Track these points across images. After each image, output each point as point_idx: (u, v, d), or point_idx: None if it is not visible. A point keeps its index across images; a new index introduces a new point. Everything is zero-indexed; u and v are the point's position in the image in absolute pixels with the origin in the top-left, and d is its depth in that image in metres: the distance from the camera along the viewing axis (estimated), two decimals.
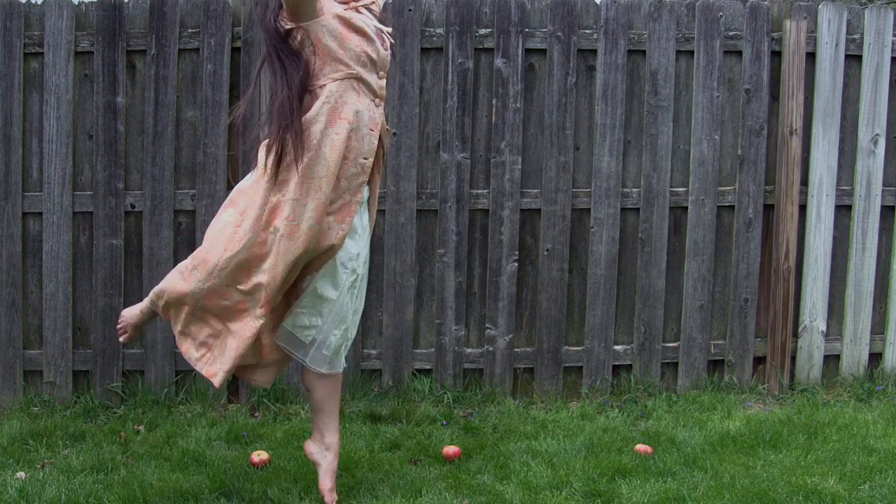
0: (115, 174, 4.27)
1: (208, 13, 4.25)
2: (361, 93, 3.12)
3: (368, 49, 3.11)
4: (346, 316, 3.22)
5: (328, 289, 3.16)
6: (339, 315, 3.20)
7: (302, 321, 3.16)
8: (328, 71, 3.06)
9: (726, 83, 4.58)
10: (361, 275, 3.28)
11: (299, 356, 3.19)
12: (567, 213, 4.50)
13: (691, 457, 3.72)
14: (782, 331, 4.64)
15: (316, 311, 3.17)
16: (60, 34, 4.20)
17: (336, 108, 3.06)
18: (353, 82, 3.09)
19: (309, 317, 3.17)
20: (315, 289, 3.16)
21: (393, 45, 3.28)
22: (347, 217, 3.13)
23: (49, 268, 4.25)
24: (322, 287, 3.16)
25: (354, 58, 3.08)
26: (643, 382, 4.58)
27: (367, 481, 3.47)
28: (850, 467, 3.61)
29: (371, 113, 3.15)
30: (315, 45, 3.04)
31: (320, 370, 3.20)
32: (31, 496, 3.24)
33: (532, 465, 3.63)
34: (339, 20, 3.06)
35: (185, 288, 3.13)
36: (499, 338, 4.51)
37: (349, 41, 3.07)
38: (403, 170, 4.40)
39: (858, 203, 4.70)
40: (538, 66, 4.47)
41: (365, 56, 3.10)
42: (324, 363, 3.20)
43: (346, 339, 3.26)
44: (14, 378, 4.29)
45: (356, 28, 3.09)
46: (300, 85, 3.05)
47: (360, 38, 3.09)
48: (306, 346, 3.17)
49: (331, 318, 3.18)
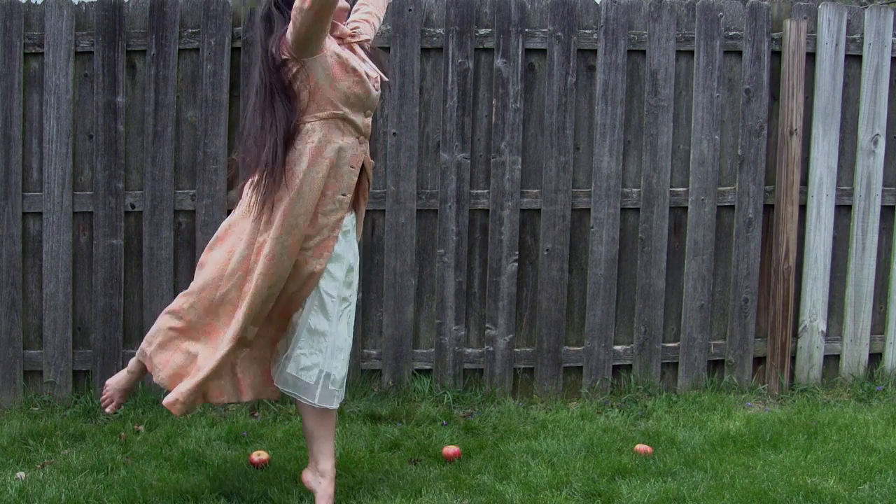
0: (115, 174, 4.27)
1: (208, 13, 4.25)
2: (346, 132, 3.14)
3: (358, 90, 3.13)
4: (343, 346, 3.22)
5: (321, 321, 3.17)
6: (337, 345, 3.20)
7: (303, 363, 3.17)
8: (314, 109, 3.09)
9: (726, 83, 4.58)
10: (354, 303, 3.29)
11: (307, 400, 3.18)
12: (567, 213, 4.50)
13: (691, 457, 3.72)
14: (782, 331, 4.64)
15: (315, 349, 3.18)
16: (60, 34, 4.20)
17: (319, 147, 3.09)
18: (337, 122, 3.12)
19: (309, 356, 3.17)
20: (308, 325, 3.17)
21: (385, 84, 3.30)
22: (325, 252, 3.16)
23: (49, 268, 4.26)
24: (314, 321, 3.17)
25: (343, 98, 3.10)
26: (643, 382, 4.58)
27: (367, 481, 3.47)
28: (850, 467, 3.61)
29: (354, 151, 3.18)
30: (308, 80, 3.06)
31: (332, 406, 3.20)
32: (31, 496, 3.24)
33: (532, 465, 3.63)
34: (335, 58, 3.08)
35: (182, 324, 3.18)
36: (499, 338, 4.51)
37: (341, 81, 3.09)
38: (403, 170, 4.40)
39: (858, 203, 4.70)
40: (538, 66, 4.47)
41: (354, 97, 3.12)
42: (333, 399, 3.20)
43: (346, 368, 3.25)
44: (14, 378, 4.29)
45: (350, 68, 3.10)
46: (286, 131, 3.06)
47: (352, 78, 3.11)
48: (312, 385, 3.17)
49: (329, 350, 3.18)
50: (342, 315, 3.22)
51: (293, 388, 3.18)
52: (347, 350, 3.25)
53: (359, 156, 3.20)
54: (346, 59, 3.10)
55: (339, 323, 3.21)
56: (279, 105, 3.06)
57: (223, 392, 3.21)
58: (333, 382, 3.19)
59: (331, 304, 3.18)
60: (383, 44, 4.34)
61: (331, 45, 3.09)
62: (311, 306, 3.18)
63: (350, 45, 3.21)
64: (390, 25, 4.34)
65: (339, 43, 3.16)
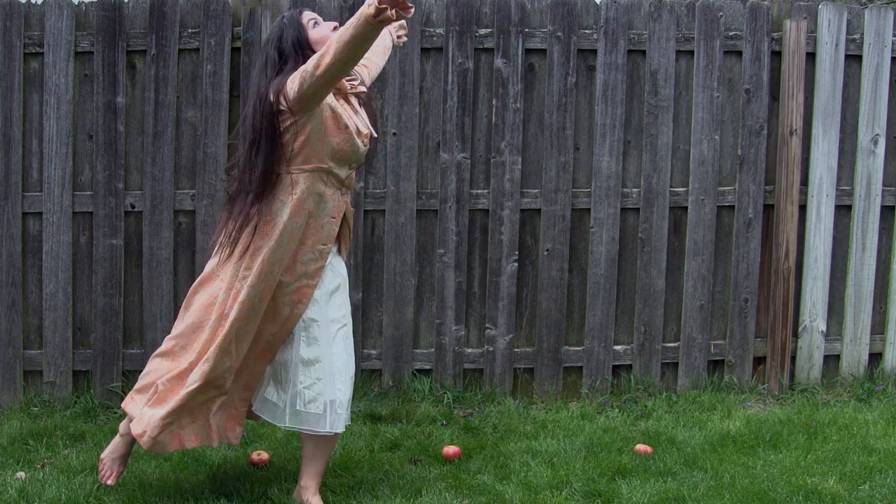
0: (115, 174, 4.26)
1: (208, 13, 4.25)
2: (329, 184, 3.16)
3: (347, 146, 3.14)
4: (342, 368, 3.21)
5: (311, 350, 3.19)
6: (335, 369, 3.20)
7: (308, 396, 3.18)
8: (301, 161, 3.10)
9: (726, 83, 4.58)
10: (348, 323, 3.29)
11: (321, 430, 3.18)
12: (567, 213, 4.50)
13: (691, 457, 3.72)
14: (782, 331, 4.64)
15: (314, 378, 3.18)
16: (60, 34, 4.19)
17: (301, 198, 3.11)
18: (322, 174, 3.13)
19: (311, 388, 3.18)
20: (301, 358, 3.19)
21: (374, 139, 3.31)
22: (304, 299, 3.17)
23: (49, 268, 4.25)
24: (305, 353, 3.19)
25: (330, 153, 3.12)
26: (643, 382, 4.58)
27: (367, 481, 3.47)
28: (850, 467, 3.61)
29: (336, 202, 3.20)
30: (299, 133, 3.07)
31: (339, 430, 3.20)
32: (31, 496, 3.24)
33: (532, 465, 3.63)
34: (330, 113, 3.09)
35: (182, 367, 3.19)
36: (499, 338, 4.51)
37: (332, 137, 3.11)
38: (403, 170, 4.40)
39: (858, 203, 4.70)
40: (538, 66, 4.47)
41: (342, 153, 3.14)
42: (341, 423, 3.20)
43: (350, 389, 3.24)
44: (14, 378, 4.29)
45: (343, 125, 3.12)
46: (263, 187, 3.08)
47: (343, 135, 3.13)
48: (321, 416, 3.17)
49: (328, 375, 3.18)
50: (335, 337, 3.22)
51: (304, 423, 3.18)
52: (348, 371, 3.24)
53: (340, 206, 3.22)
54: (339, 114, 3.12)
55: (333, 345, 3.21)
56: (262, 156, 3.06)
57: (198, 436, 3.21)
58: (340, 406, 3.19)
59: (318, 329, 3.19)
60: None
61: (328, 98, 3.09)
62: (298, 339, 3.19)
63: (347, 97, 3.21)
64: None
65: (336, 94, 3.16)
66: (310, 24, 3.17)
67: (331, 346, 3.20)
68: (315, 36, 3.16)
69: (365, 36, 2.84)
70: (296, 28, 3.15)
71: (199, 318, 3.20)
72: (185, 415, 3.14)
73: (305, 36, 3.15)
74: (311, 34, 3.16)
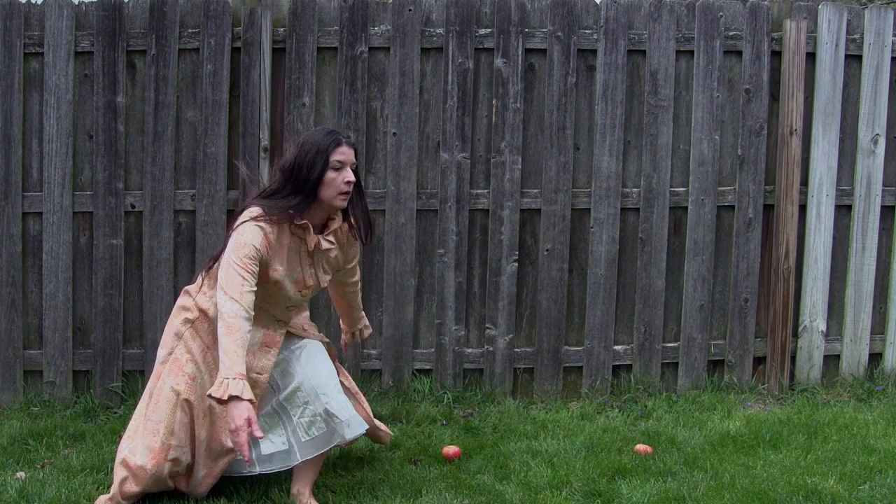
0: (115, 174, 4.27)
1: (208, 13, 4.25)
2: (260, 314, 3.17)
3: (276, 295, 3.21)
4: (320, 381, 3.22)
5: (287, 387, 3.23)
6: (313, 385, 3.21)
7: (306, 422, 3.20)
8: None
9: (726, 83, 4.58)
10: (303, 345, 3.32)
11: (338, 443, 3.21)
12: (567, 213, 4.50)
13: (691, 457, 3.72)
14: (782, 331, 4.64)
15: (302, 403, 3.21)
16: (60, 34, 4.19)
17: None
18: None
19: (304, 413, 3.21)
20: (280, 400, 3.24)
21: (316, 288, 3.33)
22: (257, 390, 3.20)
23: (49, 268, 4.25)
24: (283, 395, 3.24)
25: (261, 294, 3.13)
26: (643, 382, 4.58)
27: (367, 481, 3.47)
28: (850, 467, 3.61)
29: (268, 330, 3.25)
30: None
31: (352, 435, 3.22)
32: (31, 496, 3.24)
33: (532, 465, 3.63)
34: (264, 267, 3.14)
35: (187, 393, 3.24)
36: (499, 338, 4.51)
37: (266, 287, 3.15)
38: (403, 170, 4.40)
39: (858, 203, 4.70)
40: (538, 66, 4.47)
41: (272, 296, 3.20)
42: (346, 427, 3.20)
43: (339, 394, 3.25)
44: (14, 378, 4.29)
45: (275, 281, 3.16)
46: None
47: (275, 289, 3.18)
48: (327, 432, 3.19)
49: (312, 394, 3.20)
50: (300, 359, 3.26)
51: (318, 447, 3.21)
52: (328, 383, 3.23)
53: (276, 338, 3.26)
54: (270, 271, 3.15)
55: (301, 367, 3.25)
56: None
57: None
58: (340, 412, 3.20)
59: (278, 372, 3.26)
60: (383, 44, 4.34)
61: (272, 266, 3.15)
62: (268, 393, 3.25)
63: (318, 242, 3.22)
64: (390, 25, 4.34)
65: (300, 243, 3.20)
66: (334, 163, 3.14)
67: (301, 369, 3.24)
68: (329, 177, 3.14)
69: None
70: (320, 165, 3.13)
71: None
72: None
73: (321, 176, 3.13)
74: (328, 175, 3.14)
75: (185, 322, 3.24)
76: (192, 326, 3.23)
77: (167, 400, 3.16)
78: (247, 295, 2.99)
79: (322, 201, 3.17)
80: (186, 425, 3.17)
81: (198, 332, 3.22)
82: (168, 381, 3.18)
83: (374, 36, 4.34)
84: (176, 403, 3.15)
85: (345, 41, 4.31)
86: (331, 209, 3.22)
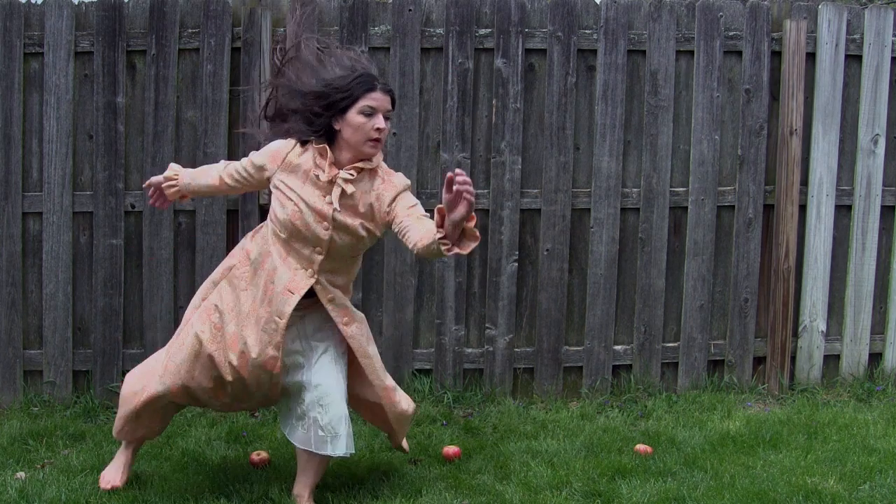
0: (115, 174, 4.27)
1: (208, 13, 4.25)
2: (290, 254, 3.15)
3: (298, 221, 3.10)
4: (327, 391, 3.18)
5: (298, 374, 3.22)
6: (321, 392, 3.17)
7: (300, 413, 3.20)
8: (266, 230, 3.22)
9: (726, 83, 4.58)
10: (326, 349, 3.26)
11: (338, 454, 3.17)
12: (567, 213, 4.50)
13: (691, 457, 3.72)
14: (782, 331, 4.64)
15: (302, 401, 3.19)
16: (60, 34, 4.19)
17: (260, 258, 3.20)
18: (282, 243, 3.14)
19: (300, 411, 3.19)
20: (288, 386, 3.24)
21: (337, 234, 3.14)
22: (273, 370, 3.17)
23: (49, 268, 4.26)
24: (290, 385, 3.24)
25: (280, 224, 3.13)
26: (643, 382, 4.58)
27: (367, 481, 3.47)
28: (850, 467, 3.61)
29: (292, 276, 3.14)
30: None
31: (339, 454, 3.18)
32: (31, 496, 3.24)
33: (532, 465, 3.63)
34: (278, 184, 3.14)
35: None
36: (499, 338, 4.51)
37: (280, 207, 3.13)
38: (403, 170, 4.38)
39: (858, 203, 4.70)
40: (538, 66, 4.47)
41: (293, 228, 3.11)
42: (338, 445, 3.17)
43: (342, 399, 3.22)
44: (14, 378, 4.29)
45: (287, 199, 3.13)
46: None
47: (292, 208, 3.11)
48: (312, 435, 3.17)
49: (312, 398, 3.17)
50: (313, 366, 3.22)
51: (302, 442, 3.20)
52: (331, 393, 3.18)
53: (299, 283, 3.14)
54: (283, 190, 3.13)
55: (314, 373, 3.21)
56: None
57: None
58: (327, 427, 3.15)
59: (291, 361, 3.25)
60: (383, 44, 4.34)
61: (277, 174, 3.15)
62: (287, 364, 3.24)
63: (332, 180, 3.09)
64: (390, 25, 4.34)
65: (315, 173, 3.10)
66: (364, 108, 3.04)
67: (314, 374, 3.20)
68: (357, 121, 3.05)
69: None
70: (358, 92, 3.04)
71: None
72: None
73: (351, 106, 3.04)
74: (355, 118, 3.05)
75: (225, 270, 3.27)
76: (230, 274, 3.24)
77: (191, 346, 3.21)
78: (229, 167, 3.30)
79: (349, 144, 3.08)
80: (208, 369, 3.20)
81: (234, 280, 3.22)
82: (196, 325, 3.22)
83: (374, 36, 4.34)
84: (199, 353, 3.19)
85: (345, 41, 4.31)
86: (360, 154, 3.10)
